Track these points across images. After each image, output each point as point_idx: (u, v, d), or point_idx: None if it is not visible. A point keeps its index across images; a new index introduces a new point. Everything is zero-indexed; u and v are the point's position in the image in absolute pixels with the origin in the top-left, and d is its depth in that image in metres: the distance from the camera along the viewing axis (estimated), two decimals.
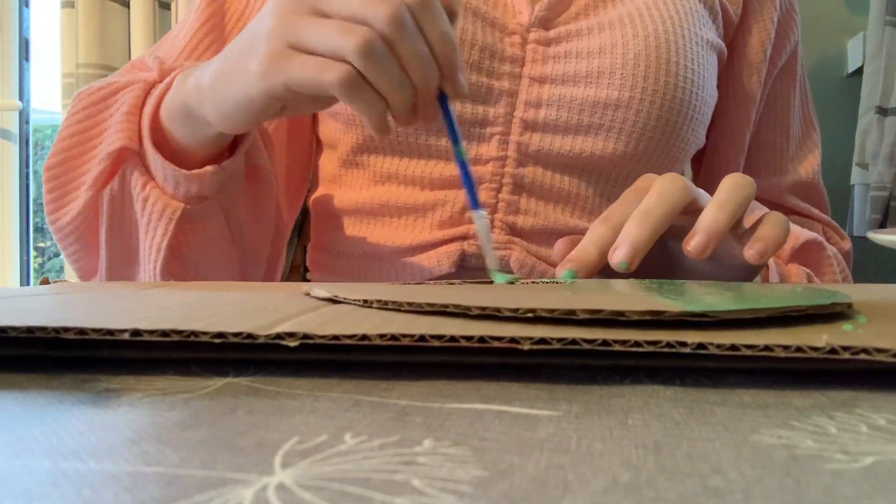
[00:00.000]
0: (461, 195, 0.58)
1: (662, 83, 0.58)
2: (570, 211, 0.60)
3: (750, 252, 0.41)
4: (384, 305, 0.27)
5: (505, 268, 0.58)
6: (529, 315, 0.23)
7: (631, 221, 0.41)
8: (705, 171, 0.73)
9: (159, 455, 0.15)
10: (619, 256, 0.40)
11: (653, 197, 0.42)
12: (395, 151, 0.59)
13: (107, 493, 0.13)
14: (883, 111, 1.25)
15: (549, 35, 0.59)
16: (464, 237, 0.58)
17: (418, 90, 0.42)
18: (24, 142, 1.80)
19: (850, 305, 0.26)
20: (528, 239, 0.59)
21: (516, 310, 0.23)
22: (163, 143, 0.51)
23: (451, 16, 0.43)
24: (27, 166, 1.81)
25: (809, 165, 0.73)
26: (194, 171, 0.50)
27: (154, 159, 0.51)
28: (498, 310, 0.24)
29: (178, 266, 0.54)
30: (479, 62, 0.57)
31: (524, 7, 0.59)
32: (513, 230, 0.59)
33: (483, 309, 0.24)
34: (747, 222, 0.45)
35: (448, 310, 0.25)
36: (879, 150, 1.24)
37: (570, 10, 0.60)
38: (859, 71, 1.36)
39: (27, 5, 1.81)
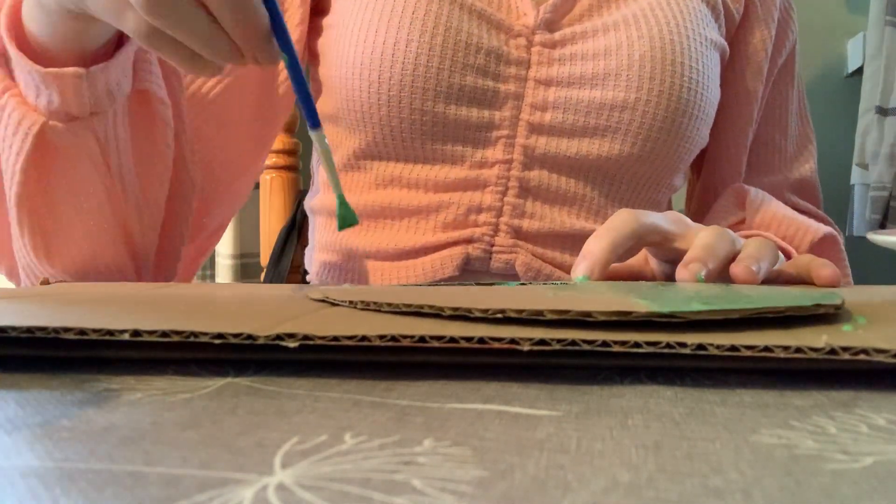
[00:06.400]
0: (466, 197, 0.58)
1: (668, 84, 0.58)
2: (575, 213, 0.60)
3: (737, 269, 0.40)
4: (366, 307, 0.27)
5: (510, 271, 0.58)
6: (499, 315, 0.24)
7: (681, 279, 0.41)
8: (707, 171, 0.73)
9: (159, 455, 0.15)
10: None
11: (701, 250, 0.40)
12: (398, 157, 0.59)
13: (107, 493, 0.13)
14: (883, 111, 1.25)
15: (554, 37, 0.58)
16: (468, 240, 0.58)
17: (235, 35, 0.36)
18: None
19: (838, 307, 0.26)
20: (533, 242, 0.59)
21: (486, 310, 0.24)
22: (26, 40, 0.44)
23: None
24: None
25: (808, 163, 0.73)
26: (52, 71, 0.42)
27: (9, 48, 0.43)
28: (469, 310, 0.24)
29: (41, 201, 0.47)
30: (485, 65, 0.57)
31: (529, 9, 0.59)
32: (518, 234, 0.59)
33: (455, 309, 0.24)
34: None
35: (423, 311, 0.25)
36: (879, 150, 1.24)
37: (574, 12, 0.60)
38: (859, 71, 1.36)
39: None
